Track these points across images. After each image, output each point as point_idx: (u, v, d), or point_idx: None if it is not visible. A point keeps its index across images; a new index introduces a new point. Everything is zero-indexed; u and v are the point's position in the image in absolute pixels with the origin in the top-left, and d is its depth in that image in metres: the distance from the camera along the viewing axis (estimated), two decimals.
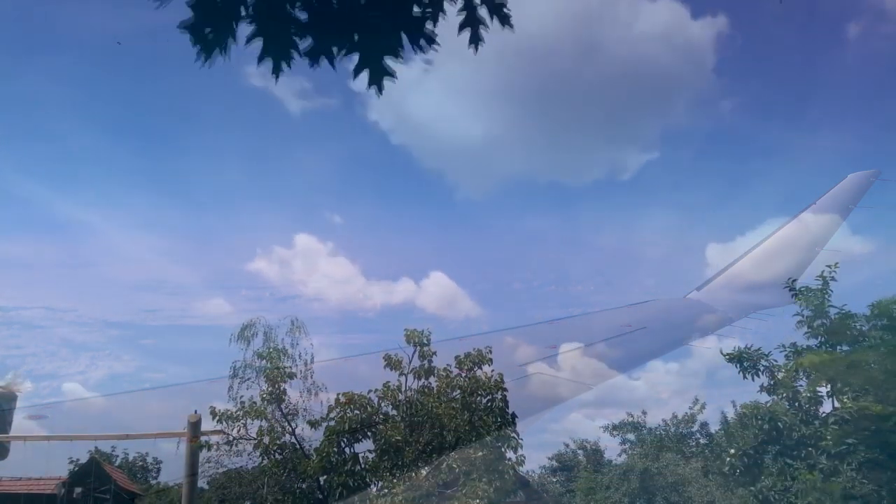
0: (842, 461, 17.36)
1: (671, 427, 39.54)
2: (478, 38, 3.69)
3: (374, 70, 3.51)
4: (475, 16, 3.64)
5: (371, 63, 3.48)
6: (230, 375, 17.27)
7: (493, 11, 3.64)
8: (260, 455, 16.90)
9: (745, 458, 19.20)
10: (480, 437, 16.42)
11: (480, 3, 3.62)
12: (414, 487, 15.53)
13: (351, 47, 3.45)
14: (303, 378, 17.14)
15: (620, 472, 33.22)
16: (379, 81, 3.55)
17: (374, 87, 3.55)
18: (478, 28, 3.65)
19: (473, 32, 3.67)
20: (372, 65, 3.48)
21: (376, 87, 3.55)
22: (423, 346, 17.12)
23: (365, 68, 3.51)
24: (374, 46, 3.44)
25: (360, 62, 3.49)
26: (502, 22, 3.65)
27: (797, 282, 21.13)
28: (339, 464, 16.32)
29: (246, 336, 17.69)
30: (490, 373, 17.06)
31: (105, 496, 21.29)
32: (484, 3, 3.63)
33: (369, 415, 16.69)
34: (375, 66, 3.49)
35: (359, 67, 3.50)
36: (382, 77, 3.54)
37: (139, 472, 29.64)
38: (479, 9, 3.64)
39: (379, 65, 3.50)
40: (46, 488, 20.82)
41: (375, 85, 3.55)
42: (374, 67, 3.50)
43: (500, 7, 3.63)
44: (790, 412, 19.29)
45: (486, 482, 15.48)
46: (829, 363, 18.56)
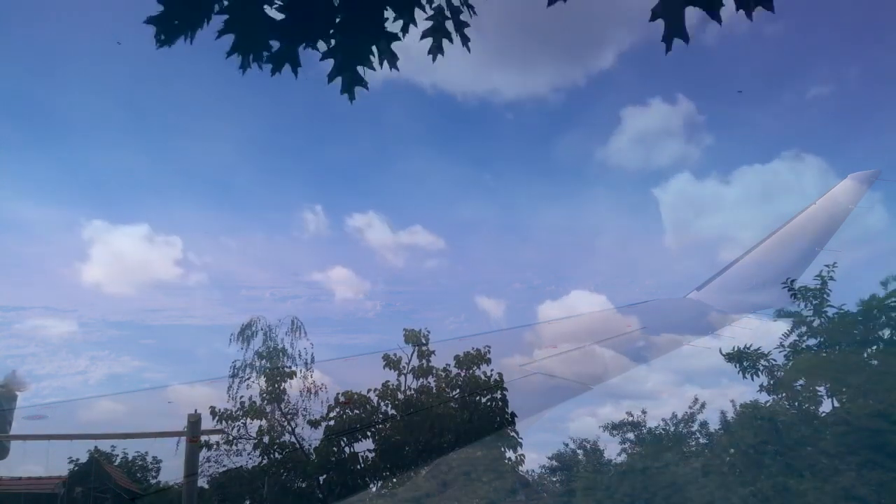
0: (841, 461, 17.39)
1: (671, 427, 39.55)
2: (439, 48, 3.76)
3: (347, 78, 3.55)
4: (442, 28, 3.72)
5: (344, 71, 3.51)
6: (230, 375, 17.34)
7: (457, 28, 3.72)
8: (260, 454, 16.95)
9: (745, 458, 19.24)
10: (480, 436, 16.45)
11: (449, 17, 3.69)
12: (414, 487, 15.56)
13: (326, 53, 3.48)
14: (303, 377, 17.21)
15: (620, 472, 33.21)
16: (351, 90, 3.60)
17: (346, 94, 3.59)
18: (440, 40, 3.72)
19: (435, 44, 3.74)
20: (345, 73, 3.52)
21: (348, 95, 3.59)
22: (421, 345, 17.18)
23: (338, 76, 3.55)
24: (347, 54, 3.47)
25: (333, 69, 3.52)
26: (462, 41, 3.75)
27: (796, 281, 21.14)
28: (339, 463, 16.36)
29: (246, 336, 17.77)
30: (490, 372, 17.11)
31: (105, 496, 21.30)
32: (451, 19, 3.70)
33: (369, 414, 16.73)
34: (348, 75, 3.53)
35: (332, 74, 3.54)
36: (354, 85, 3.59)
37: (139, 471, 29.64)
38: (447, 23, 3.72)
39: (352, 73, 3.53)
40: (46, 488, 20.83)
41: (347, 93, 3.59)
42: (347, 75, 3.53)
43: (464, 25, 3.72)
44: (790, 412, 19.32)
45: (486, 482, 15.52)
46: (828, 363, 18.59)
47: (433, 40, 3.77)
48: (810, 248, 24.37)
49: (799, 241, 25.44)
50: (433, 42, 3.78)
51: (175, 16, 3.26)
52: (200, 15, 3.27)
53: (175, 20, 3.27)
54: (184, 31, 3.27)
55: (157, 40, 3.26)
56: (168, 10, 3.27)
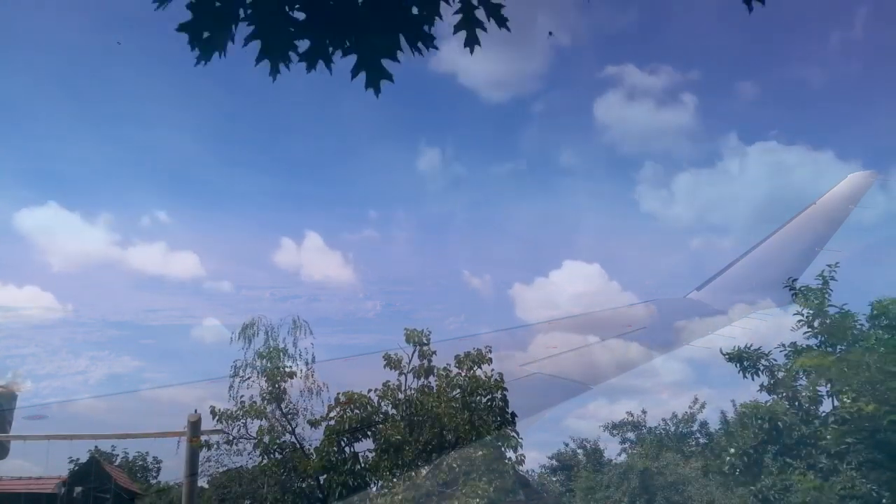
0: (841, 461, 17.38)
1: (671, 426, 39.59)
2: (474, 39, 3.69)
3: (372, 72, 3.51)
4: (472, 17, 3.63)
5: (368, 65, 3.48)
6: (230, 375, 17.32)
7: (490, 13, 3.63)
8: (260, 454, 16.94)
9: (745, 458, 19.22)
10: (480, 436, 16.44)
11: (478, 6, 3.62)
12: (414, 487, 15.55)
13: (348, 49, 3.45)
14: (303, 377, 17.18)
15: (620, 472, 33.21)
16: (376, 84, 3.55)
17: (371, 89, 3.55)
18: (474, 30, 3.64)
19: (470, 35, 3.67)
20: (369, 66, 3.48)
21: (374, 90, 3.55)
22: (422, 345, 17.15)
23: (362, 70, 3.51)
24: (372, 48, 3.44)
25: (357, 64, 3.48)
26: (499, 24, 3.65)
27: (797, 281, 21.15)
28: (339, 463, 16.35)
29: (247, 335, 17.74)
30: (490, 372, 17.09)
31: (105, 496, 21.29)
32: (482, 6, 3.62)
33: (369, 414, 16.71)
34: (373, 68, 3.49)
35: (356, 69, 3.50)
36: (380, 79, 3.54)
37: (139, 471, 29.63)
38: (477, 11, 3.63)
39: (377, 67, 3.49)
40: (47, 488, 20.82)
41: (372, 87, 3.55)
42: (371, 69, 3.49)
43: (498, 8, 3.63)
44: (790, 412, 19.31)
45: (486, 481, 15.50)
46: (828, 363, 18.58)
47: (467, 33, 3.66)
48: (810, 247, 24.41)
49: (799, 241, 25.47)
50: (467, 34, 3.67)
51: (204, 22, 3.27)
52: (228, 19, 3.28)
53: (204, 27, 3.28)
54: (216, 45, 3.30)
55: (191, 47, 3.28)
56: (196, 15, 3.28)
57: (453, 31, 3.63)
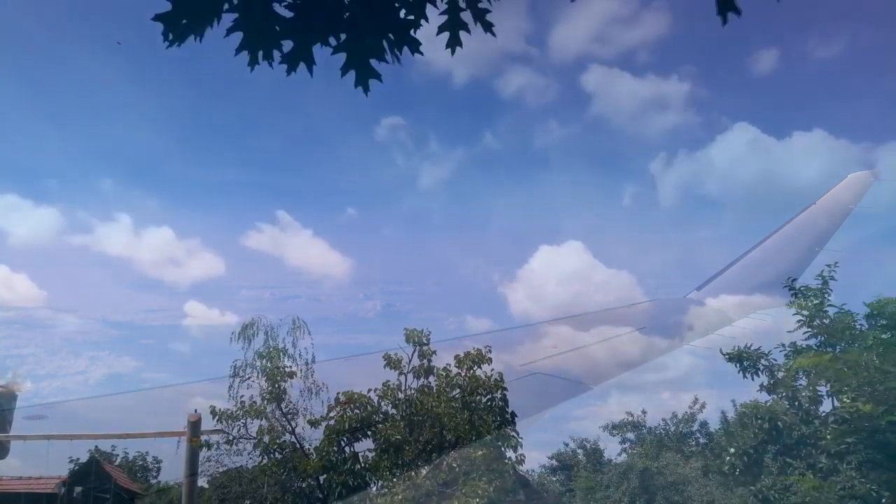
0: (841, 460, 17.36)
1: (671, 426, 39.56)
2: (456, 41, 3.69)
3: (361, 72, 3.51)
4: (458, 20, 3.63)
5: (358, 64, 3.47)
6: (230, 375, 17.33)
7: (476, 17, 3.63)
8: (260, 454, 16.93)
9: (745, 458, 19.20)
10: (480, 436, 16.44)
11: (465, 8, 3.62)
12: (414, 486, 15.55)
13: (337, 48, 3.43)
14: (303, 377, 17.19)
15: (620, 472, 33.21)
16: (365, 82, 3.55)
17: (360, 87, 3.55)
18: (458, 32, 3.65)
19: (453, 36, 3.67)
20: (359, 66, 3.47)
21: (363, 89, 3.55)
22: (422, 345, 17.16)
23: (351, 69, 3.50)
24: (362, 48, 3.43)
25: (346, 62, 3.48)
26: (485, 28, 3.65)
27: (797, 281, 21.14)
28: (339, 463, 16.35)
29: (247, 335, 17.75)
30: (490, 372, 17.09)
31: (105, 495, 21.30)
32: (468, 9, 3.62)
33: (369, 414, 16.71)
34: (362, 68, 3.49)
35: (345, 68, 3.50)
36: (369, 79, 3.54)
37: (139, 471, 29.65)
38: (463, 14, 3.63)
39: (365, 66, 3.49)
40: (47, 487, 20.83)
41: (362, 86, 3.55)
42: (360, 68, 3.49)
43: (484, 13, 3.63)
44: (790, 412, 19.29)
45: (486, 481, 15.50)
46: (828, 363, 18.56)
47: (450, 35, 3.65)
48: (810, 247, 24.43)
49: (799, 240, 25.50)
50: (450, 36, 3.66)
51: (184, 14, 3.19)
52: (210, 13, 3.21)
53: (184, 18, 3.22)
54: (194, 31, 3.21)
55: (164, 38, 3.20)
56: (177, 7, 3.21)
57: (437, 32, 3.63)
